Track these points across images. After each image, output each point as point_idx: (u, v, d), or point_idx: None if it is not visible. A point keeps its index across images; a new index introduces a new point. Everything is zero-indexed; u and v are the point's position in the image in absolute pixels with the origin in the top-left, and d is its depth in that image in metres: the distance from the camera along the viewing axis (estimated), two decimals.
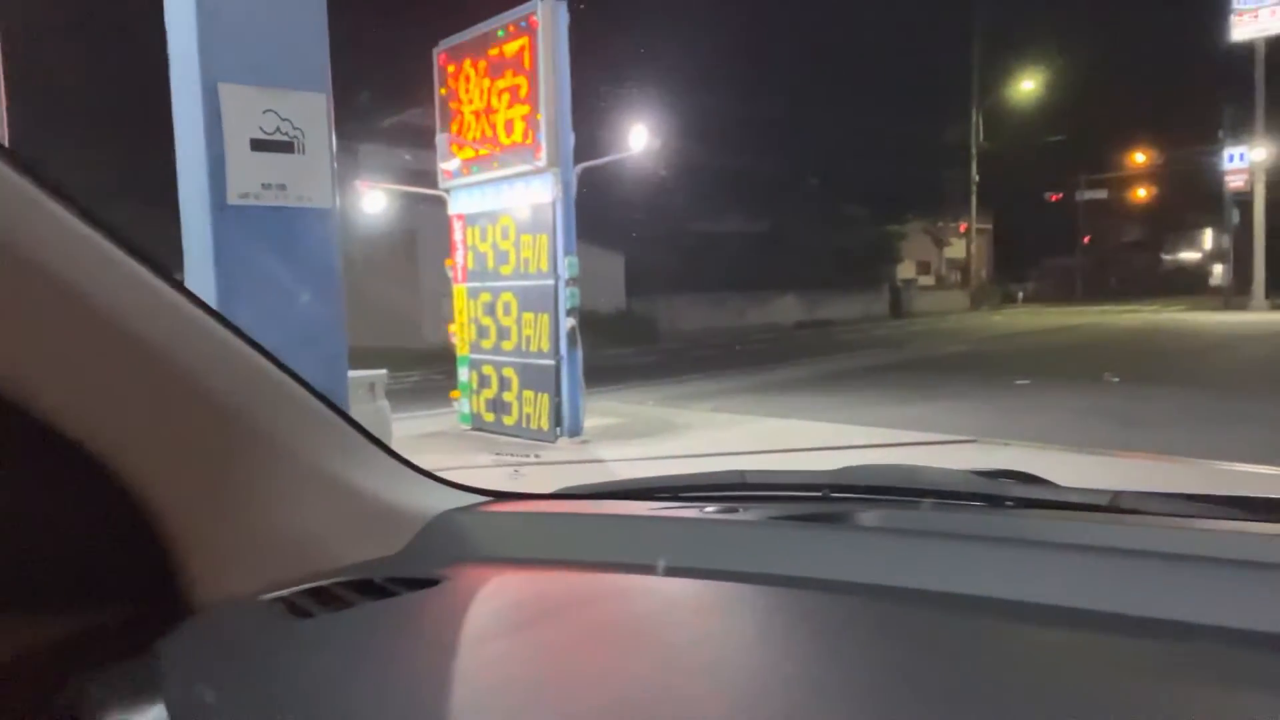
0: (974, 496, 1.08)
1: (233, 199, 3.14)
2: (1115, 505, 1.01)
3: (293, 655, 0.81)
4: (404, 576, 0.97)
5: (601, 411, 8.98)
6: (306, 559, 1.05)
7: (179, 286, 0.94)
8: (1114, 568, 0.83)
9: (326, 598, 0.93)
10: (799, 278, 28.33)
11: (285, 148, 3.21)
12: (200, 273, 3.16)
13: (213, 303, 3.24)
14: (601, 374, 11.06)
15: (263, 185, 3.17)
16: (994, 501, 1.06)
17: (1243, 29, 27.65)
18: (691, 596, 0.89)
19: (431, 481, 1.22)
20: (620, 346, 18.43)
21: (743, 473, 1.23)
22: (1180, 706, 0.63)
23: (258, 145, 3.16)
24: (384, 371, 6.22)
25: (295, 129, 3.22)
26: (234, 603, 0.95)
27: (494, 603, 0.93)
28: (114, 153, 14.25)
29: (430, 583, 0.95)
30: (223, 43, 3.12)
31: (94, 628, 0.94)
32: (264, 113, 3.16)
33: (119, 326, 0.87)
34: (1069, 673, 0.70)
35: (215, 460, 0.98)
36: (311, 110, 3.23)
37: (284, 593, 0.95)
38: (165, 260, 0.99)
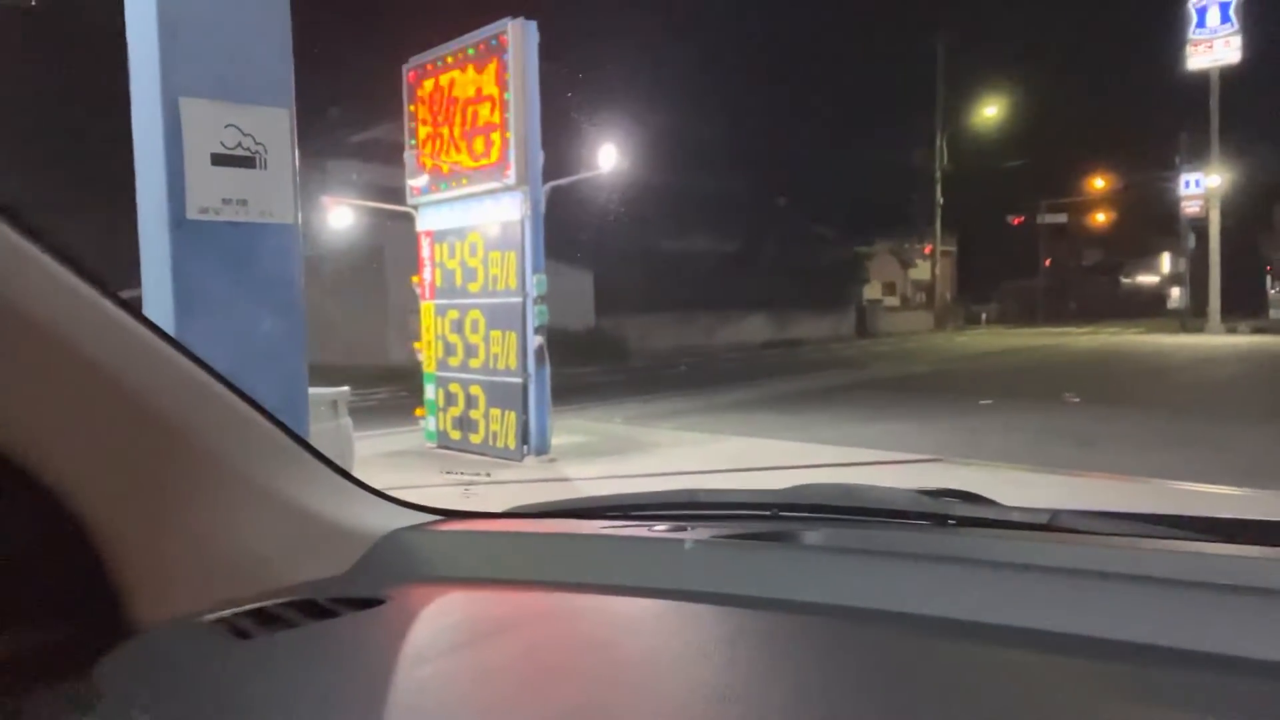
0: (918, 515, 1.10)
1: (192, 214, 3.10)
2: (1054, 524, 1.03)
3: (231, 677, 0.81)
4: (348, 596, 0.97)
5: (569, 430, 8.96)
6: (251, 579, 1.04)
7: (122, 303, 0.94)
8: (1052, 586, 0.85)
9: (268, 618, 0.92)
10: (767, 297, 28.54)
11: (247, 163, 3.18)
12: (157, 288, 3.12)
13: (170, 318, 3.19)
14: (570, 392, 11.04)
15: (223, 200, 3.14)
16: (937, 520, 1.08)
17: (1198, 58, 28.43)
18: (636, 615, 0.90)
19: (381, 500, 1.22)
20: (589, 365, 18.40)
21: (693, 491, 1.24)
22: None
23: (219, 160, 3.13)
24: (346, 389, 6.15)
25: (257, 144, 3.19)
26: (175, 623, 0.94)
27: (437, 623, 0.93)
28: (70, 166, 14.04)
29: (375, 603, 0.95)
30: (184, 56, 3.10)
31: (31, 648, 0.92)
32: (225, 127, 3.13)
33: (60, 343, 0.86)
34: (1007, 689, 0.72)
35: (158, 479, 0.98)
36: (274, 125, 3.22)
37: (225, 613, 0.94)
38: (123, 275, 0.99)
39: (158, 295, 3.13)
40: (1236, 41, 27.73)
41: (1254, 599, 0.76)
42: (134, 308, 0.97)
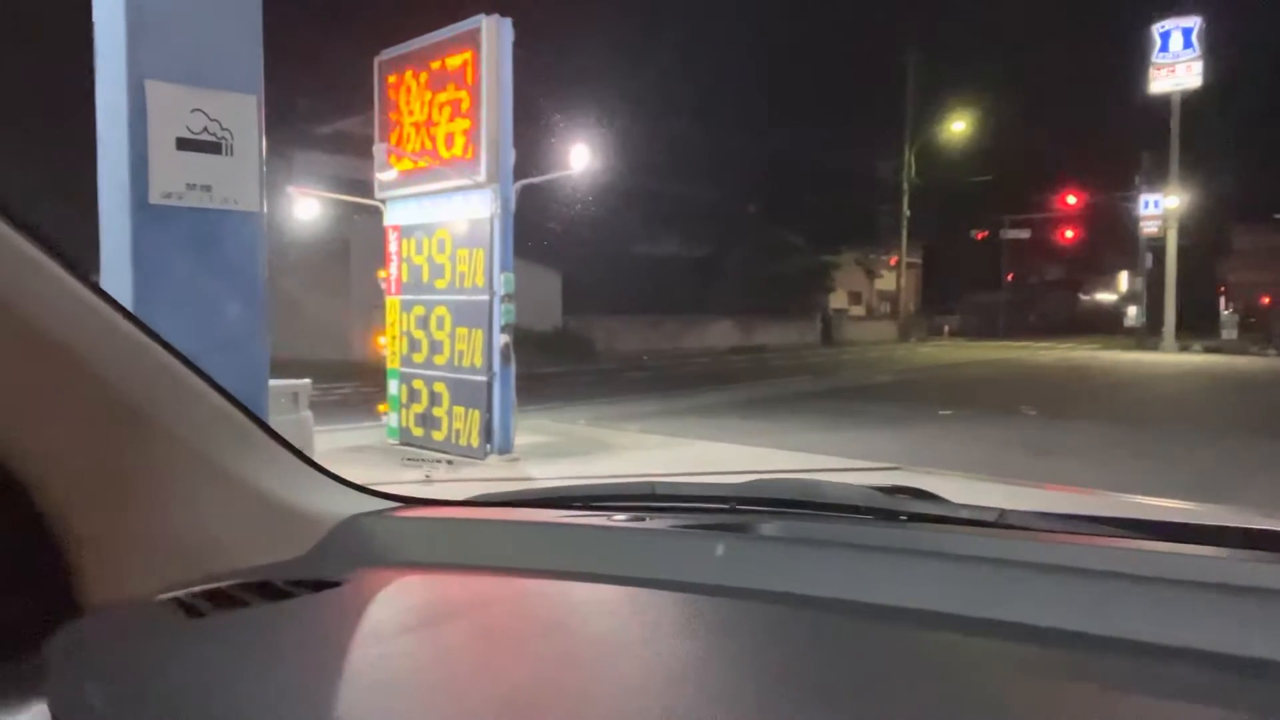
0: (871, 511, 1.12)
1: (155, 198, 3.06)
2: (1001, 521, 1.06)
3: (183, 655, 0.81)
4: (305, 579, 0.97)
5: (533, 429, 8.93)
6: (208, 560, 1.03)
7: (85, 280, 0.93)
8: (996, 577, 0.88)
9: (223, 599, 0.92)
10: (735, 303, 28.69)
11: (213, 148, 3.14)
12: (117, 272, 3.07)
13: (129, 303, 3.15)
14: (535, 392, 11.01)
15: (187, 185, 3.10)
16: (889, 516, 1.11)
17: (1160, 82, 29.10)
18: (592, 600, 0.91)
19: (342, 486, 1.22)
20: (555, 365, 18.36)
21: (652, 484, 1.26)
22: (1051, 705, 0.68)
23: (184, 145, 3.09)
24: (308, 381, 6.09)
25: (224, 130, 3.16)
26: (128, 603, 0.93)
27: (392, 605, 0.93)
28: (30, 147, 13.73)
29: (331, 585, 0.95)
30: (151, 39, 3.06)
31: None
32: (191, 112, 3.09)
33: (19, 320, 0.85)
34: (953, 673, 0.74)
35: (116, 459, 0.97)
36: (241, 111, 3.18)
37: (180, 593, 0.94)
38: (82, 259, 0.98)
39: (117, 280, 3.09)
40: (1198, 67, 28.42)
41: (1183, 592, 0.80)
42: (96, 285, 0.96)
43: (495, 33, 7.51)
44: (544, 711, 0.65)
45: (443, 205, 8.05)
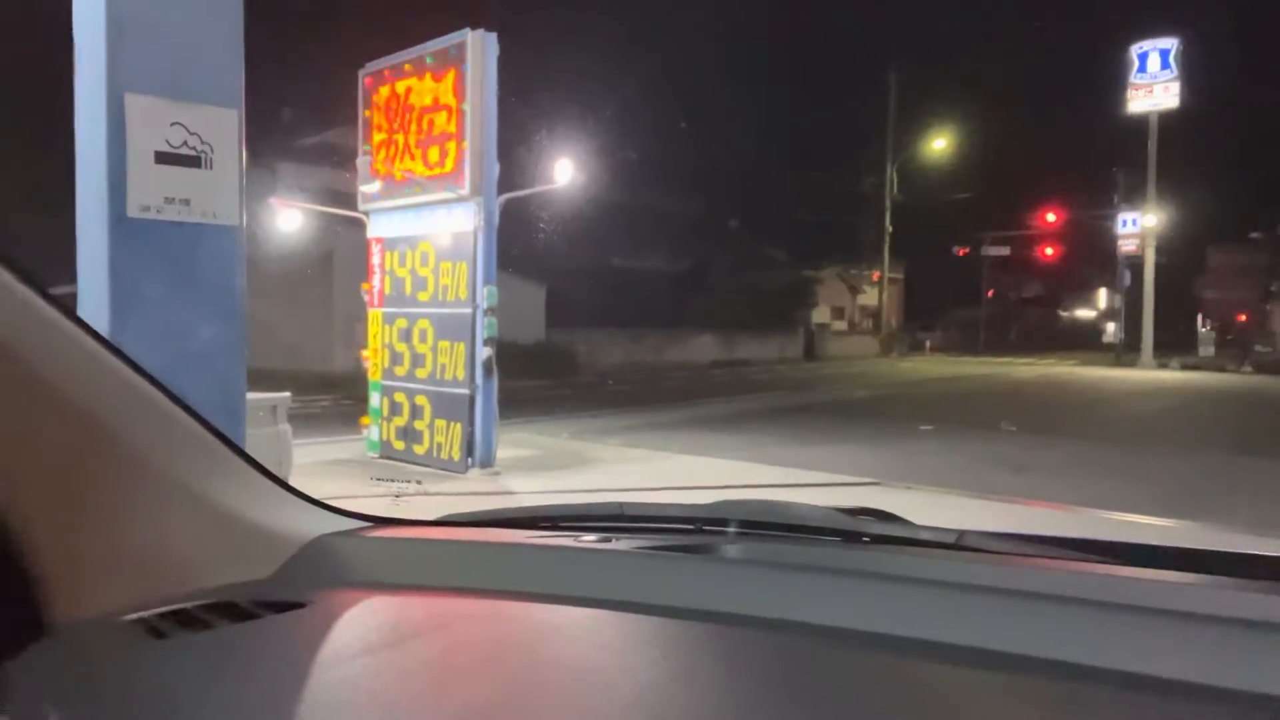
0: (835, 532, 1.14)
1: (133, 211, 3.05)
2: (961, 544, 1.08)
3: (145, 676, 0.81)
4: (270, 600, 0.97)
5: (515, 443, 8.92)
6: (174, 580, 1.03)
7: (52, 299, 0.93)
8: (955, 601, 0.89)
9: (187, 619, 0.92)
10: (717, 317, 28.75)
11: (192, 162, 3.14)
12: (93, 286, 3.05)
13: (105, 317, 3.12)
14: (517, 405, 10.99)
15: (166, 199, 3.09)
16: (852, 537, 1.12)
17: (1138, 102, 29.50)
18: (555, 621, 0.92)
19: (311, 506, 1.22)
20: (538, 378, 18.33)
21: (621, 504, 1.27)
22: None
23: (162, 158, 3.08)
24: (287, 394, 6.05)
25: (204, 143, 3.15)
26: (91, 622, 0.93)
27: (355, 626, 0.94)
28: (6, 159, 13.61)
29: (296, 606, 0.95)
30: (131, 52, 3.05)
31: None
32: (171, 125, 3.09)
33: None
34: (913, 697, 0.76)
35: (81, 477, 0.97)
36: (222, 125, 3.18)
37: (144, 614, 0.94)
38: (58, 272, 0.98)
39: (93, 293, 3.07)
40: (1175, 88, 28.85)
41: (1136, 617, 0.81)
42: (64, 304, 0.96)
43: (481, 47, 7.54)
44: None
45: (426, 218, 8.05)
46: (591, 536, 1.17)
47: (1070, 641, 0.80)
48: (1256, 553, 1.07)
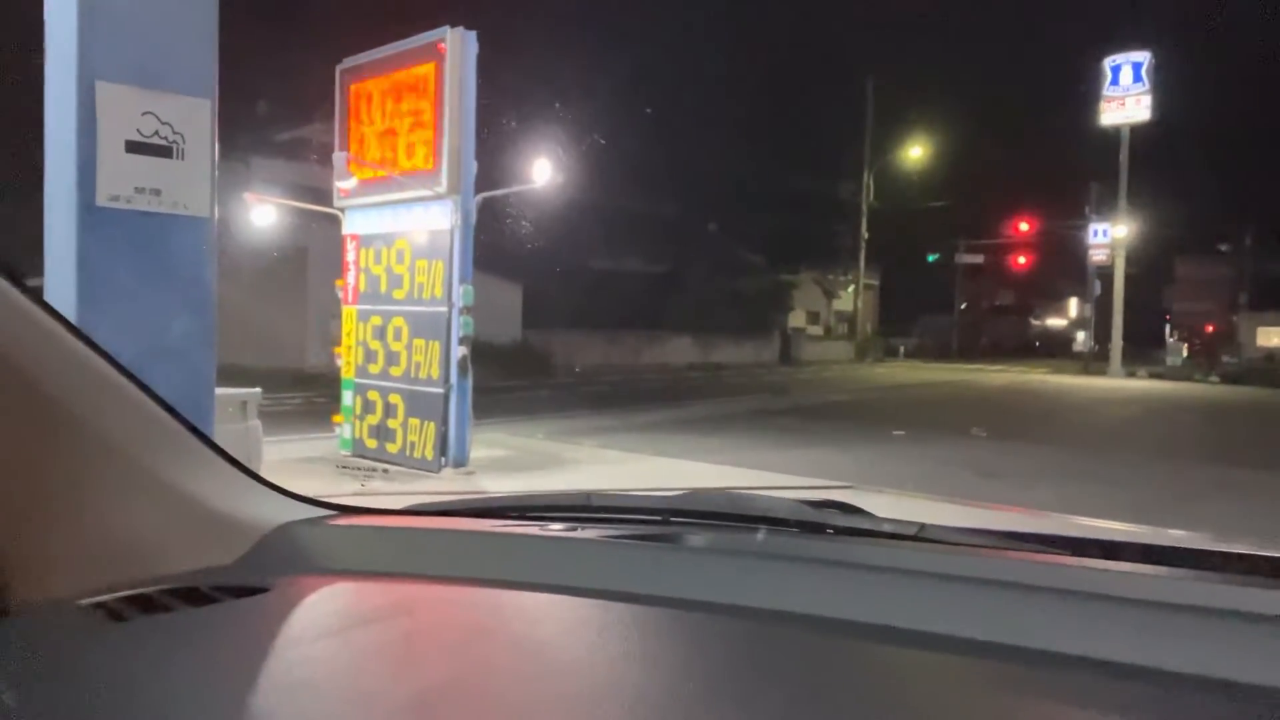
0: (799, 524, 1.15)
1: (102, 200, 3.01)
2: (922, 535, 1.10)
3: (103, 659, 0.80)
4: (233, 585, 0.97)
5: (489, 443, 8.88)
6: (138, 565, 1.03)
7: (14, 280, 0.93)
8: (915, 589, 0.91)
9: (147, 604, 0.91)
10: (694, 320, 28.83)
11: (163, 152, 3.11)
12: (61, 274, 3.01)
13: (72, 306, 3.09)
14: (493, 405, 10.96)
15: (136, 189, 3.06)
16: (816, 529, 1.14)
17: (1110, 115, 29.94)
18: (517, 607, 0.92)
19: (275, 493, 1.21)
20: (514, 378, 18.28)
21: (588, 494, 1.27)
22: (966, 712, 0.70)
23: (133, 147, 3.05)
24: (258, 390, 5.99)
25: (175, 133, 3.12)
26: (49, 605, 0.92)
27: (315, 611, 0.94)
28: None
29: (258, 591, 0.95)
30: (103, 40, 3.02)
31: None
32: (143, 114, 3.06)
33: None
34: (874, 680, 0.77)
35: (41, 460, 0.96)
36: (194, 115, 3.15)
37: (104, 598, 0.93)
38: (23, 260, 0.97)
39: (60, 282, 3.03)
40: (1147, 101, 29.31)
41: (1098, 605, 0.83)
42: (26, 285, 0.95)
43: (460, 45, 7.52)
44: (455, 712, 0.66)
45: (402, 215, 8.01)
46: (558, 525, 1.17)
47: (1026, 627, 0.82)
48: (1214, 548, 1.10)
